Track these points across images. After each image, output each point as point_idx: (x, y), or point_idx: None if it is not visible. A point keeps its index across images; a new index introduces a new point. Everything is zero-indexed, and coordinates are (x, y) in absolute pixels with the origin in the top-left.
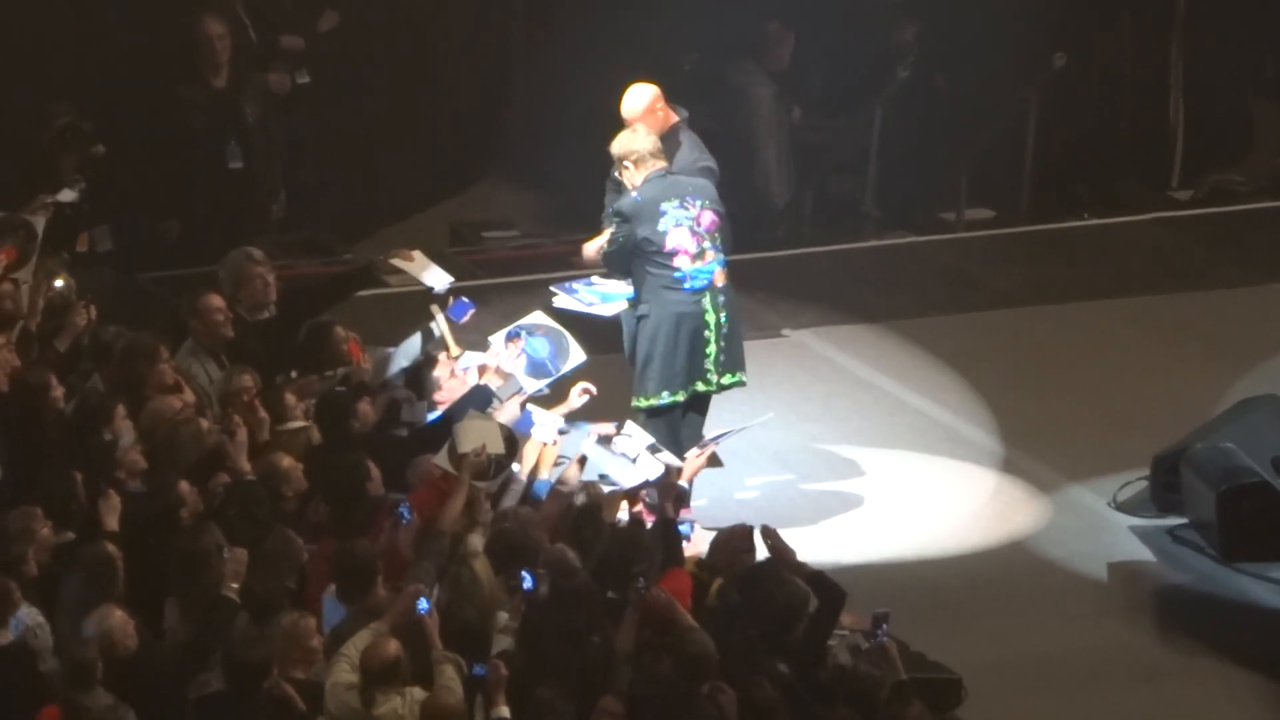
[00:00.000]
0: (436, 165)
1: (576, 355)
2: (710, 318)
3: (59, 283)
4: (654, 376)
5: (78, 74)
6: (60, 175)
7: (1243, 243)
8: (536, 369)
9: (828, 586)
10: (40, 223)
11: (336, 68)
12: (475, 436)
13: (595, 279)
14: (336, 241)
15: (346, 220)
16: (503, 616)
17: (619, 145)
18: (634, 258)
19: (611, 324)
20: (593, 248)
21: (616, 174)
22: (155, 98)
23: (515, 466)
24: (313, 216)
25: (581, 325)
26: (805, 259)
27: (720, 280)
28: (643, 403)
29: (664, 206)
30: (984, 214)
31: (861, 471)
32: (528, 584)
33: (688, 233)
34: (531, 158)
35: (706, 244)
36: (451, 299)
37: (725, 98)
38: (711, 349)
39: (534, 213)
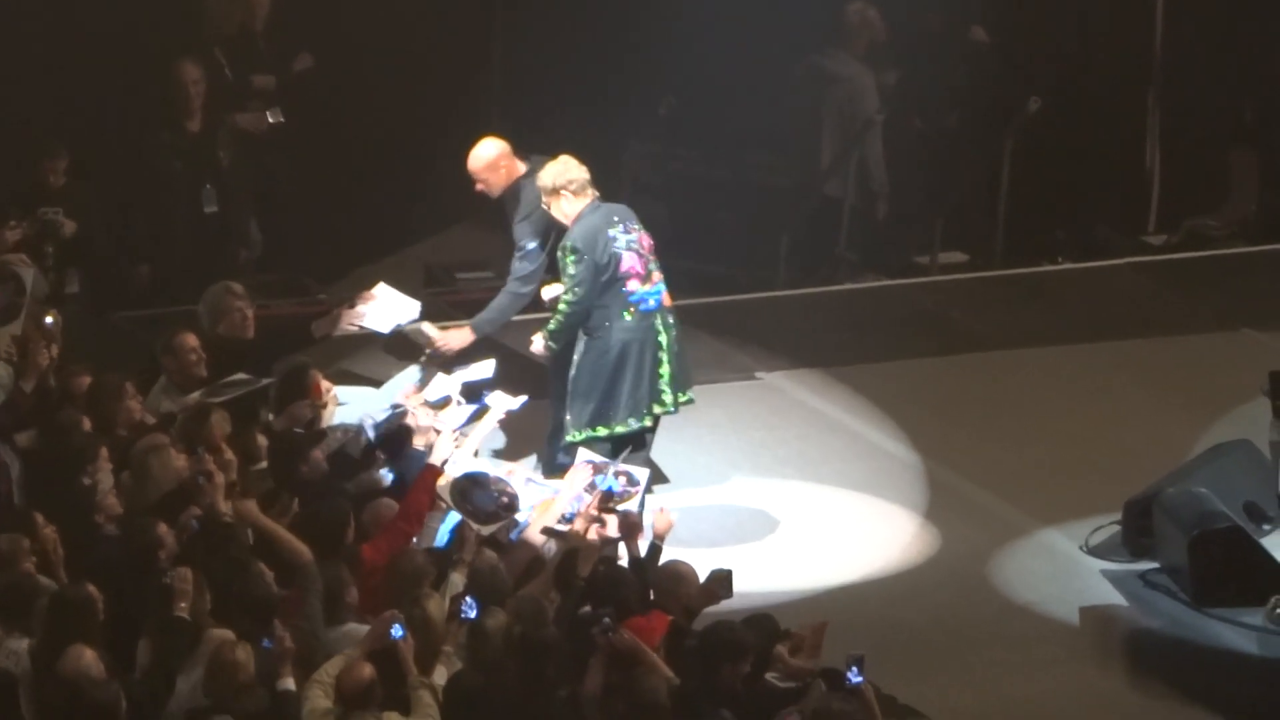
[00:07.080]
0: (412, 206)
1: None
2: (663, 338)
3: (49, 320)
4: (620, 405)
5: (56, 118)
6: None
7: (1217, 288)
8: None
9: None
10: (29, 274)
11: (311, 109)
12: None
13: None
14: (312, 282)
15: (322, 261)
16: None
17: (554, 175)
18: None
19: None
20: (551, 293)
21: (545, 206)
22: (132, 142)
23: (520, 516)
24: (288, 257)
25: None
26: (779, 302)
27: (668, 300)
28: (604, 431)
29: (611, 232)
30: (958, 258)
31: (834, 515)
32: (471, 613)
33: (635, 255)
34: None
35: (652, 265)
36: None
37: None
38: (665, 369)
39: (509, 254)
